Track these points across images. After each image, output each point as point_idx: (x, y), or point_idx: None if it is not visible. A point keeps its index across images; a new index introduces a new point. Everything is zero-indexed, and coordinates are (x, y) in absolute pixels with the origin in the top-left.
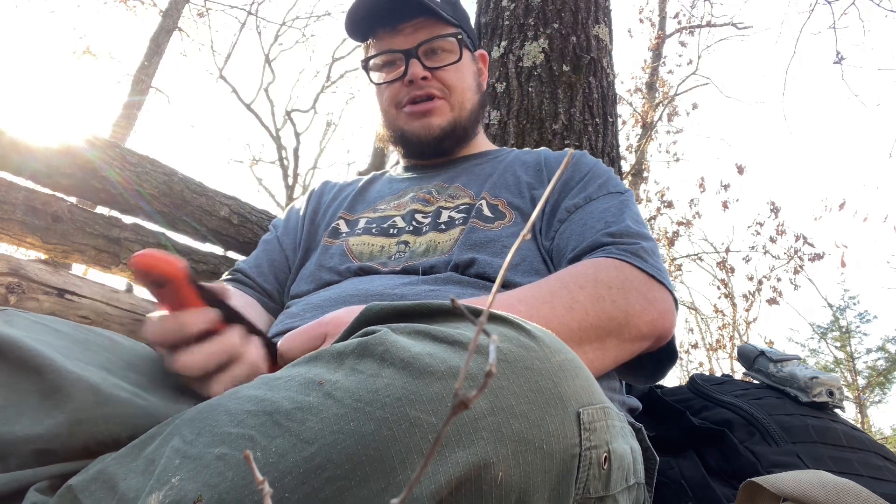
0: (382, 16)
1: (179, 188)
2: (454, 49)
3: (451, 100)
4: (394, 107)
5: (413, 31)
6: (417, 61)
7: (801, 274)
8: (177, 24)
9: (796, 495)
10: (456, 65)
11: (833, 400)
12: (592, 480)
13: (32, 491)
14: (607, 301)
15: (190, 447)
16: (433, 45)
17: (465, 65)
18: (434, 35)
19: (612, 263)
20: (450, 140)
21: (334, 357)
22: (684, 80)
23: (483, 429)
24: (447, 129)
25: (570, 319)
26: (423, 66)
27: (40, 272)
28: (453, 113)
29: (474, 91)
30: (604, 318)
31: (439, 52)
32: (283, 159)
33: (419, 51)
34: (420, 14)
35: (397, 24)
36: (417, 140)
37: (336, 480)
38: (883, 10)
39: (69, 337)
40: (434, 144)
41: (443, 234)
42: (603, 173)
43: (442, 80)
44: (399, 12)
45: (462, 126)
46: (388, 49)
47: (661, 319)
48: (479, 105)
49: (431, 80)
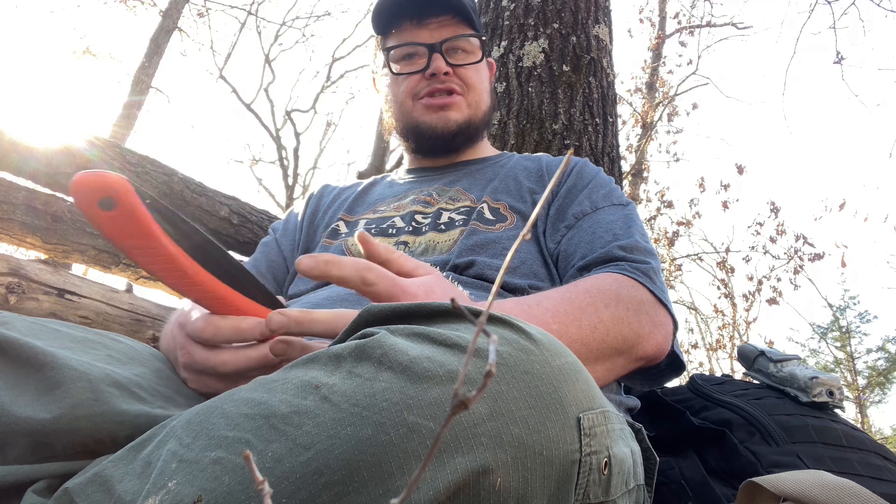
0: (411, 8)
1: (179, 188)
2: (476, 50)
3: (468, 98)
4: (410, 98)
5: (438, 28)
6: (441, 56)
7: (801, 274)
8: (177, 24)
9: (796, 495)
10: (476, 65)
11: (833, 400)
12: (592, 486)
13: (30, 493)
14: (625, 323)
15: (186, 451)
16: (456, 44)
17: (483, 67)
18: (459, 33)
19: (631, 283)
20: (462, 137)
21: (331, 359)
22: (684, 80)
23: (482, 434)
24: (462, 126)
25: (593, 339)
26: (445, 61)
27: (40, 272)
28: (470, 110)
29: (489, 93)
30: (619, 339)
31: (460, 52)
32: (283, 159)
33: (443, 47)
34: (448, 12)
35: (424, 19)
36: (432, 133)
37: (333, 486)
38: (883, 10)
39: (68, 336)
40: (448, 139)
41: (442, 235)
42: (606, 183)
43: (462, 77)
44: (428, 7)
45: (475, 125)
46: (411, 41)
47: (664, 343)
48: (490, 108)
49: (452, 76)
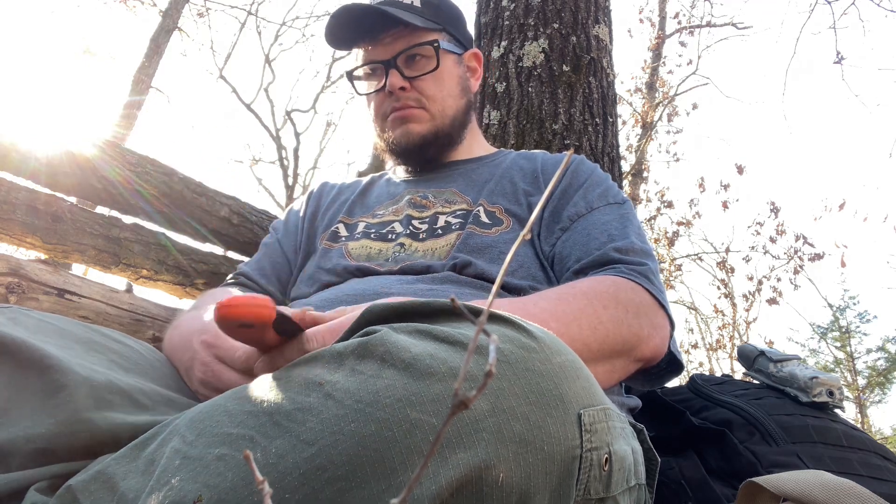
0: (362, 27)
1: (179, 188)
2: (432, 56)
3: (430, 109)
4: (380, 118)
5: (392, 41)
6: (396, 71)
7: (801, 274)
8: (177, 24)
9: (796, 495)
10: (433, 73)
11: (833, 400)
12: (593, 482)
13: (32, 491)
14: (625, 325)
15: (190, 448)
16: (411, 53)
17: (445, 71)
18: (411, 44)
19: (630, 286)
20: (433, 147)
21: (334, 357)
22: (684, 80)
23: (484, 430)
24: (428, 137)
25: (593, 340)
26: (402, 75)
27: (40, 272)
28: (434, 122)
29: (457, 96)
30: (619, 340)
31: (419, 59)
32: (283, 159)
33: (398, 60)
34: (398, 24)
35: (377, 35)
36: (400, 148)
37: (336, 481)
38: (883, 10)
39: (74, 336)
40: (416, 152)
41: (439, 240)
42: (602, 181)
43: (420, 89)
44: (378, 23)
45: (445, 133)
46: (369, 60)
47: (662, 344)
48: (464, 109)
49: (410, 90)
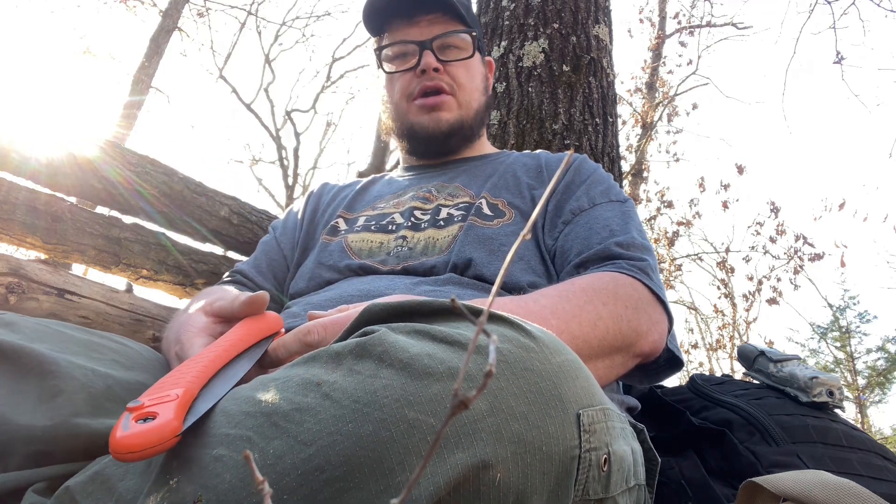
0: (401, 7)
1: (179, 188)
2: (467, 47)
3: (458, 97)
4: (405, 99)
5: (429, 25)
6: (431, 52)
7: (801, 274)
8: (177, 24)
9: (796, 495)
10: (466, 62)
11: (833, 400)
12: (592, 482)
13: (30, 492)
14: (624, 321)
15: (187, 448)
16: (447, 41)
17: (475, 64)
18: (449, 30)
19: (629, 281)
20: (457, 137)
21: (332, 357)
22: (684, 80)
23: (482, 430)
24: (455, 126)
25: (593, 336)
26: (436, 58)
27: (40, 272)
28: (461, 110)
29: (481, 92)
30: (619, 336)
31: (452, 49)
32: (283, 159)
33: (434, 44)
34: (439, 9)
35: (414, 17)
36: (425, 133)
37: (334, 482)
38: (883, 10)
39: (72, 339)
40: (441, 139)
41: (441, 231)
42: (604, 179)
43: (453, 76)
44: (418, 5)
45: (468, 125)
46: (402, 39)
47: (660, 340)
48: (484, 107)
49: (443, 73)
